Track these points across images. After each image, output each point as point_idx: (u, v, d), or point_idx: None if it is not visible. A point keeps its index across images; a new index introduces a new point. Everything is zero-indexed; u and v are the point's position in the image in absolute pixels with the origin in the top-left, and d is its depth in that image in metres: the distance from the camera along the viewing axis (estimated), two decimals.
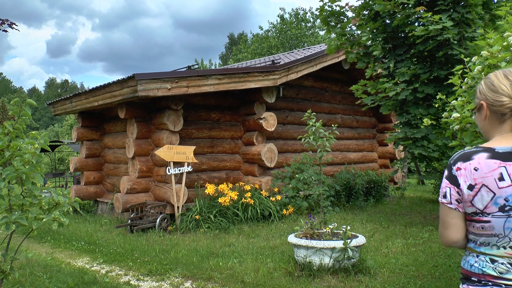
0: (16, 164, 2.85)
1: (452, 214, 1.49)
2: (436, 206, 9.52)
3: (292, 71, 9.22)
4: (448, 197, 1.48)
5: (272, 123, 8.96)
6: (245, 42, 39.05)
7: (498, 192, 1.39)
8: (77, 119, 10.46)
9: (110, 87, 7.89)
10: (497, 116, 1.46)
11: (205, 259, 5.51)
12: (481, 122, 1.54)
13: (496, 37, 2.99)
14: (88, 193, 10.14)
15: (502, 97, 1.43)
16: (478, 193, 1.42)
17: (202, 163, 8.81)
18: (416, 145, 6.88)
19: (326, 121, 11.23)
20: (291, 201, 8.55)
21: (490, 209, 1.41)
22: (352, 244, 4.55)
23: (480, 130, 1.58)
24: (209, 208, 7.81)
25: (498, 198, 1.39)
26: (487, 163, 1.41)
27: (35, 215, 2.92)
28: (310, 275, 4.58)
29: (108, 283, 4.61)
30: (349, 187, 10.12)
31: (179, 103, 7.98)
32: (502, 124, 1.45)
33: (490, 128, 1.50)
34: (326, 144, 5.41)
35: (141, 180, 8.40)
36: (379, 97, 7.55)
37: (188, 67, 9.93)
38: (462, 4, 6.55)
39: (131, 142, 8.30)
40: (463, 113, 2.98)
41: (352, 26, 7.89)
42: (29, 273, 4.93)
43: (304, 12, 34.62)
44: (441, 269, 4.82)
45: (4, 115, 6.44)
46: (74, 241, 6.94)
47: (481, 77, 2.97)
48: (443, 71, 6.71)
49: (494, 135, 1.49)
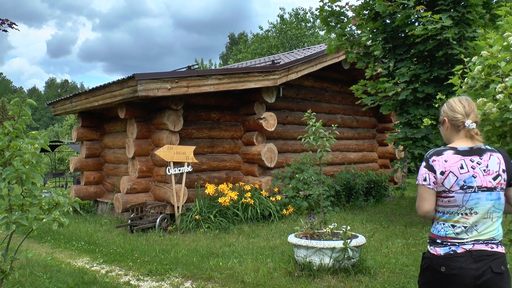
0: (16, 164, 2.85)
1: (429, 192, 2.11)
2: None
3: (292, 71, 9.22)
4: (428, 180, 2.11)
5: (272, 123, 8.96)
6: (245, 42, 39.04)
7: (460, 176, 2.06)
8: (77, 119, 10.46)
9: (110, 87, 7.89)
10: (454, 127, 2.16)
11: (205, 259, 5.51)
12: (444, 131, 2.26)
13: (496, 37, 2.98)
14: (88, 193, 10.14)
15: (458, 115, 2.13)
16: (447, 177, 2.07)
17: (202, 163, 8.81)
18: (416, 145, 6.88)
19: (326, 121, 11.23)
20: (291, 201, 8.55)
21: (454, 188, 2.06)
22: (352, 244, 4.55)
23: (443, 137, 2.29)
24: (209, 208, 7.81)
25: (459, 181, 2.06)
26: (452, 157, 2.09)
27: (35, 215, 2.92)
28: (310, 275, 4.58)
29: (108, 283, 4.61)
30: (349, 187, 10.12)
31: (179, 103, 7.98)
32: (458, 133, 2.16)
33: (451, 136, 2.21)
34: (326, 144, 5.42)
35: (141, 180, 8.40)
36: (379, 97, 7.55)
37: (188, 67, 9.93)
38: (462, 4, 6.55)
39: (131, 142, 8.30)
40: None
41: (352, 26, 7.89)
42: (29, 273, 4.93)
43: (304, 12, 34.62)
44: None
45: (4, 115, 6.43)
46: (74, 241, 6.94)
47: (481, 77, 2.97)
48: (443, 71, 6.71)
49: (454, 140, 2.19)
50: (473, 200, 2.04)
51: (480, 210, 2.04)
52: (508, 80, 2.67)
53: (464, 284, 1.99)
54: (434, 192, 2.10)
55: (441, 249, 2.07)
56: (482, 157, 2.09)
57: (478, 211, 2.04)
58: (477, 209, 2.04)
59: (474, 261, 2.00)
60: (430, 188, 2.10)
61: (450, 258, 2.03)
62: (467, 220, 2.05)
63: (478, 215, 2.05)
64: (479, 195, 2.04)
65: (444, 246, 2.07)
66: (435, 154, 2.12)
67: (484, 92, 2.95)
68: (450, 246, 2.06)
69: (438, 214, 2.13)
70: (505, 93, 2.67)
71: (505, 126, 2.72)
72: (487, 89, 2.91)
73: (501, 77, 2.80)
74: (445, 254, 2.05)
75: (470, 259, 2.01)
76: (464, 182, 2.05)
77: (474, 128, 2.12)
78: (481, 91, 2.99)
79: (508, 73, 2.75)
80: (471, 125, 2.11)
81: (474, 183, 2.05)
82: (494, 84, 2.82)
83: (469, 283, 1.98)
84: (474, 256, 2.01)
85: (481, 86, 2.99)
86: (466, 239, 2.04)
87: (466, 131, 2.14)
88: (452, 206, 2.07)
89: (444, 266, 2.03)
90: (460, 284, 2.00)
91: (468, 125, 2.11)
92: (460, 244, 2.04)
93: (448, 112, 2.18)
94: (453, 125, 2.17)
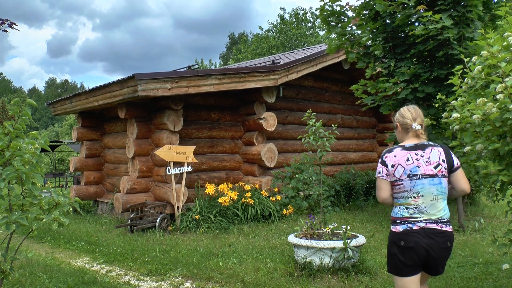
0: (16, 164, 2.85)
1: (383, 182, 2.66)
2: None
3: (292, 71, 9.22)
4: (381, 173, 2.66)
5: (272, 123, 8.96)
6: (245, 42, 39.03)
7: (406, 167, 2.59)
8: (77, 119, 10.46)
9: (110, 87, 7.89)
10: (405, 130, 2.71)
11: (205, 259, 5.51)
12: (397, 134, 2.79)
13: (496, 37, 2.98)
14: (88, 193, 10.14)
15: (407, 120, 2.68)
16: (396, 169, 2.61)
17: (202, 163, 8.81)
18: None
19: (326, 121, 11.22)
20: (291, 201, 8.54)
21: (402, 177, 2.59)
22: (352, 244, 4.55)
23: (397, 138, 2.81)
24: (209, 208, 7.81)
25: (406, 171, 2.58)
26: (400, 153, 2.63)
27: (35, 215, 2.92)
28: (310, 275, 4.58)
29: (108, 283, 4.61)
30: (349, 187, 10.12)
31: (179, 103, 7.98)
32: (408, 133, 2.71)
33: (402, 136, 2.75)
34: (326, 144, 5.42)
35: (141, 180, 8.40)
36: (379, 97, 7.55)
37: (188, 67, 9.92)
38: (462, 4, 6.54)
39: (131, 142, 8.30)
40: (463, 113, 2.98)
41: (352, 26, 7.88)
42: (29, 273, 4.93)
43: (304, 12, 34.62)
44: None
45: (4, 115, 6.42)
46: (74, 241, 6.94)
47: (481, 77, 2.97)
48: (443, 71, 6.70)
49: (405, 139, 2.72)
50: (418, 185, 2.56)
51: (425, 193, 2.57)
52: (508, 80, 2.67)
53: (417, 254, 2.52)
54: (388, 182, 2.64)
55: (400, 227, 2.58)
56: (425, 151, 2.61)
57: (424, 194, 2.57)
58: (422, 193, 2.57)
59: (426, 237, 2.52)
60: (383, 179, 2.65)
61: (407, 234, 2.55)
62: (416, 202, 2.57)
63: (424, 198, 2.56)
64: (423, 181, 2.56)
65: (403, 224, 2.58)
66: (387, 152, 2.68)
67: (484, 92, 2.95)
68: (407, 224, 2.57)
69: (395, 200, 2.66)
70: (505, 93, 2.67)
71: (505, 126, 2.72)
72: (487, 89, 2.92)
73: (501, 77, 2.79)
74: (403, 231, 2.56)
75: (423, 235, 2.52)
76: (410, 171, 2.57)
77: (419, 129, 2.66)
78: (481, 91, 2.99)
79: (508, 73, 2.75)
80: (416, 127, 2.65)
81: (418, 171, 2.57)
82: (494, 84, 2.82)
83: (421, 253, 2.51)
84: (426, 233, 2.53)
85: (481, 86, 2.99)
86: (419, 218, 2.56)
87: (414, 131, 2.68)
88: (403, 192, 2.60)
89: (403, 241, 2.55)
90: (414, 254, 2.52)
91: (414, 127, 2.65)
92: (415, 222, 2.56)
93: (400, 118, 2.73)
94: (403, 128, 2.71)
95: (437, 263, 2.59)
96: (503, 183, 2.98)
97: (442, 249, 2.54)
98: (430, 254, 2.51)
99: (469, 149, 3.01)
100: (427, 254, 2.51)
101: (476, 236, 6.47)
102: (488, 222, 7.53)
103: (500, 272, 4.60)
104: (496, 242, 3.23)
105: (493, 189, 3.25)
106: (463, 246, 5.86)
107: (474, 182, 9.01)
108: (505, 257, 5.02)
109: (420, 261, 2.54)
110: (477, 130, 2.94)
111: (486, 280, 4.39)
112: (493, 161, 2.93)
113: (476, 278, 4.46)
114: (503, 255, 5.08)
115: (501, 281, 4.34)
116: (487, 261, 5.07)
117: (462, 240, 6.27)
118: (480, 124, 2.84)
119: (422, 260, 2.54)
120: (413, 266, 2.55)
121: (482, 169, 2.92)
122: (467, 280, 4.39)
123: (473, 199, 9.65)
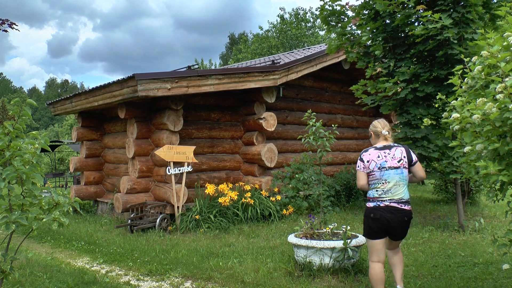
0: (16, 164, 2.85)
1: (361, 173, 3.70)
2: (436, 206, 9.52)
3: (292, 71, 9.22)
4: (359, 166, 3.70)
5: (272, 123, 8.96)
6: (245, 42, 39.02)
7: (377, 162, 3.62)
8: (77, 119, 10.46)
9: (110, 87, 7.89)
10: (376, 136, 3.77)
11: (205, 259, 5.51)
12: (372, 140, 3.83)
13: (496, 37, 2.98)
14: (88, 193, 10.14)
15: (378, 128, 3.74)
16: (370, 163, 3.64)
17: (202, 163, 8.81)
18: (416, 145, 6.87)
19: (326, 121, 11.23)
20: (291, 201, 8.54)
21: (374, 169, 3.62)
22: (352, 244, 4.55)
23: (372, 143, 3.84)
24: (209, 208, 7.81)
25: (377, 164, 3.61)
26: (373, 152, 3.67)
27: (35, 215, 2.92)
28: (310, 275, 4.58)
29: (108, 283, 4.61)
30: (349, 187, 10.12)
31: (179, 103, 7.98)
32: (379, 138, 3.76)
33: (375, 141, 3.79)
34: (326, 144, 5.41)
35: (141, 180, 8.40)
36: (379, 97, 7.54)
37: (188, 67, 9.92)
38: (462, 4, 6.54)
39: (131, 142, 8.30)
40: (463, 113, 2.98)
41: (352, 25, 7.87)
42: (29, 273, 4.93)
43: (304, 12, 34.60)
44: (441, 269, 4.82)
45: (4, 115, 6.40)
46: (74, 241, 6.94)
47: (481, 77, 2.97)
48: (443, 71, 6.70)
49: (377, 143, 3.76)
50: (385, 174, 3.59)
51: (390, 180, 3.58)
52: (508, 80, 2.67)
53: (382, 224, 3.55)
54: (365, 173, 3.68)
55: (372, 203, 3.63)
56: (391, 150, 3.67)
57: (390, 180, 3.58)
58: (389, 180, 3.59)
59: (389, 212, 3.54)
60: (361, 171, 3.70)
61: (376, 209, 3.59)
62: (384, 186, 3.59)
63: (390, 183, 3.58)
64: (390, 172, 3.59)
65: (373, 202, 3.62)
66: (364, 151, 3.73)
67: (484, 92, 2.95)
68: (376, 202, 3.60)
69: (370, 185, 3.69)
70: (505, 93, 2.67)
71: (505, 126, 2.71)
72: (487, 89, 2.91)
73: (501, 77, 2.79)
74: (373, 206, 3.61)
75: (387, 210, 3.55)
76: (380, 165, 3.61)
77: (387, 134, 3.73)
78: (481, 91, 2.99)
79: (508, 73, 2.75)
80: (385, 132, 3.73)
81: (386, 164, 3.61)
82: (494, 84, 2.82)
83: (384, 223, 3.54)
84: (389, 209, 3.55)
85: (481, 86, 2.99)
86: (384, 198, 3.57)
87: (383, 136, 3.73)
88: (375, 180, 3.63)
89: (373, 213, 3.59)
90: (380, 224, 3.56)
91: (384, 132, 3.72)
92: (382, 201, 3.57)
93: (373, 128, 3.81)
94: (375, 135, 3.78)
95: (396, 232, 3.61)
96: (503, 183, 2.98)
97: (400, 222, 3.55)
98: (390, 225, 3.54)
99: (469, 149, 3.01)
100: (388, 224, 3.54)
101: (476, 236, 6.47)
102: (488, 222, 7.53)
103: (500, 272, 4.60)
104: (496, 242, 3.23)
105: (493, 189, 3.25)
106: (463, 246, 5.86)
107: (474, 182, 9.03)
108: (505, 257, 5.02)
109: (384, 229, 3.57)
110: (477, 130, 2.94)
111: (486, 280, 4.39)
112: (493, 161, 2.92)
113: (476, 278, 4.46)
114: (503, 255, 5.08)
115: (501, 281, 4.34)
116: (487, 261, 5.07)
117: (462, 240, 6.27)
118: (480, 124, 2.84)
119: (385, 228, 3.56)
120: (379, 232, 3.59)
121: (482, 169, 2.92)
122: (467, 280, 4.39)
123: (473, 199, 9.66)
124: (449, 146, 3.58)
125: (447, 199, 10.24)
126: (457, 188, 7.26)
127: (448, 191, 10.23)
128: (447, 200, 10.23)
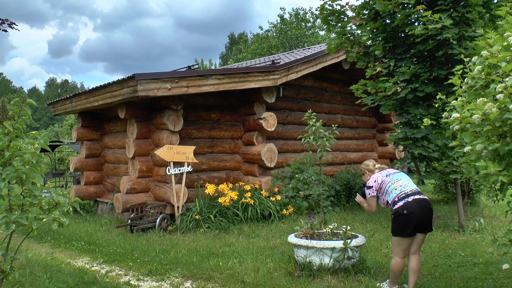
0: (16, 164, 2.84)
1: (374, 199, 4.25)
2: (436, 206, 9.52)
3: (292, 71, 9.22)
4: (372, 190, 4.20)
5: (272, 123, 8.96)
6: (245, 42, 39.01)
7: (383, 174, 4.23)
8: (77, 119, 10.46)
9: (110, 87, 7.89)
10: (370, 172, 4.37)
11: (205, 259, 5.51)
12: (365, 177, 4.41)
13: (496, 37, 2.98)
14: (88, 193, 10.13)
15: (370, 166, 4.40)
16: (378, 179, 4.22)
17: (202, 163, 8.81)
18: (416, 145, 6.87)
19: (326, 121, 11.22)
20: (291, 201, 8.54)
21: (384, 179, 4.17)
22: (352, 244, 4.55)
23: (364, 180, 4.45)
24: (209, 208, 7.81)
25: (384, 176, 4.21)
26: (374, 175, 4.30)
27: (35, 215, 2.92)
28: (310, 275, 4.58)
29: (108, 283, 4.61)
30: (349, 187, 10.12)
31: (179, 103, 7.98)
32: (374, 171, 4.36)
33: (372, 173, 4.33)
34: (326, 144, 5.42)
35: (141, 180, 8.40)
36: (379, 97, 7.54)
37: (188, 67, 9.92)
38: (462, 4, 6.54)
39: (131, 142, 8.30)
40: (463, 113, 2.97)
41: (352, 25, 7.87)
42: (29, 273, 4.93)
43: (304, 12, 34.58)
44: (441, 269, 4.82)
45: (4, 115, 6.42)
46: (74, 241, 6.94)
47: (481, 77, 2.97)
48: (443, 71, 6.70)
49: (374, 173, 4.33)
50: (395, 176, 4.11)
51: (401, 178, 4.08)
52: (508, 80, 2.67)
53: (416, 218, 3.81)
54: (375, 197, 4.20)
55: (400, 202, 3.89)
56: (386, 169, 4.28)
57: (401, 178, 4.07)
58: (399, 178, 4.08)
59: (418, 203, 3.85)
60: (373, 196, 4.19)
61: (406, 204, 3.85)
62: (399, 183, 4.02)
63: (402, 180, 4.05)
64: (397, 174, 4.15)
65: (401, 201, 3.90)
66: (368, 181, 4.26)
67: (484, 92, 2.94)
68: (403, 200, 3.89)
69: (387, 191, 4.05)
70: (505, 93, 2.67)
71: (505, 126, 2.71)
72: (487, 89, 2.91)
73: (501, 77, 2.79)
74: (403, 204, 3.87)
75: (416, 202, 3.85)
76: (386, 174, 4.16)
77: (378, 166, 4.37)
78: (481, 91, 2.99)
79: (508, 73, 2.75)
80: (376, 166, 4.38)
81: (390, 173, 4.18)
82: (494, 84, 2.82)
83: (419, 216, 3.81)
84: (417, 201, 3.86)
85: (481, 86, 2.99)
86: (406, 191, 3.94)
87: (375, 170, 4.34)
88: (388, 184, 4.06)
89: (406, 210, 3.82)
90: (414, 217, 3.81)
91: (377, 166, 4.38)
92: (407, 195, 3.91)
93: (365, 167, 4.42)
94: (369, 171, 4.37)
95: (427, 220, 3.88)
96: (503, 183, 2.98)
97: (428, 210, 3.88)
98: (423, 217, 3.83)
99: (469, 149, 3.00)
100: (421, 215, 3.82)
101: (476, 236, 6.47)
102: (488, 222, 7.52)
103: (500, 272, 4.60)
104: (496, 242, 3.23)
105: (493, 189, 3.25)
106: (463, 246, 5.86)
107: (474, 182, 9.02)
108: (505, 257, 5.02)
109: (418, 223, 3.81)
110: (477, 130, 2.94)
111: (486, 280, 4.39)
112: (493, 161, 2.92)
113: (476, 278, 4.46)
114: (503, 255, 5.08)
115: (501, 281, 4.34)
116: (487, 261, 5.07)
117: (462, 240, 6.27)
118: (480, 124, 2.84)
119: (419, 221, 3.81)
120: (412, 228, 3.83)
121: (482, 169, 2.92)
122: (467, 280, 4.39)
123: (473, 199, 9.65)
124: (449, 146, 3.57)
125: (447, 199, 10.24)
126: (457, 188, 7.26)
127: (448, 191, 10.24)
128: (447, 200, 10.23)
